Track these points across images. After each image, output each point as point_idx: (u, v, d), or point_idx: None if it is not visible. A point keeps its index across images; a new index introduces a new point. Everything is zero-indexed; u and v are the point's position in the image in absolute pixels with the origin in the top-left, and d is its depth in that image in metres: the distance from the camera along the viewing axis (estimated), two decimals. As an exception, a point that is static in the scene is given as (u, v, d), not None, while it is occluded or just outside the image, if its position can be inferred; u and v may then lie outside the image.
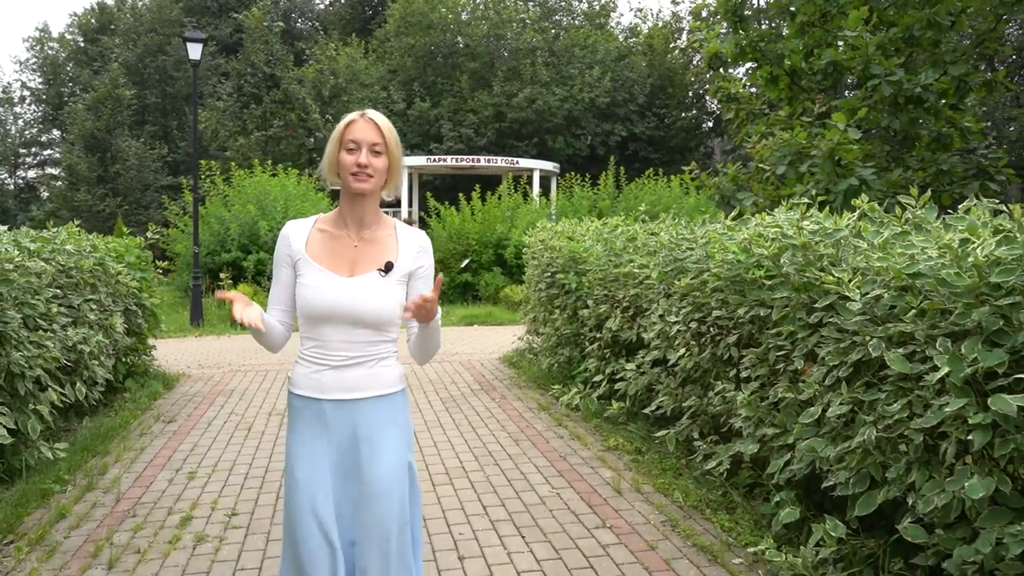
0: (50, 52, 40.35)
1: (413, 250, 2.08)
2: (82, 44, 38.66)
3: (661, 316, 4.70)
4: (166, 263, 11.59)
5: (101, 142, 23.70)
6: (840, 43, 5.80)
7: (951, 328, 2.52)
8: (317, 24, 33.30)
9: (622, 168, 18.13)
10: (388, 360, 2.06)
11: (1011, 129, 20.06)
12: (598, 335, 5.89)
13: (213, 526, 3.72)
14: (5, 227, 5.01)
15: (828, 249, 3.23)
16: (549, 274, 6.97)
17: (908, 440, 2.62)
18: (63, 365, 4.88)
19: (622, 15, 45.45)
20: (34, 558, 3.34)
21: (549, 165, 20.92)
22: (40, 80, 40.73)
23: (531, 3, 28.20)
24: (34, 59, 40.86)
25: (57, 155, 40.75)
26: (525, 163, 20.50)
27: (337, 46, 24.18)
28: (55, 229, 5.74)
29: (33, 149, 42.18)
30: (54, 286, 4.90)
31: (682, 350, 4.33)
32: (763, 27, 6.73)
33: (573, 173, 18.43)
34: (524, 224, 13.42)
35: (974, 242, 2.49)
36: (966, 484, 2.32)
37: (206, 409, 6.12)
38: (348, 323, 1.98)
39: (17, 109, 41.70)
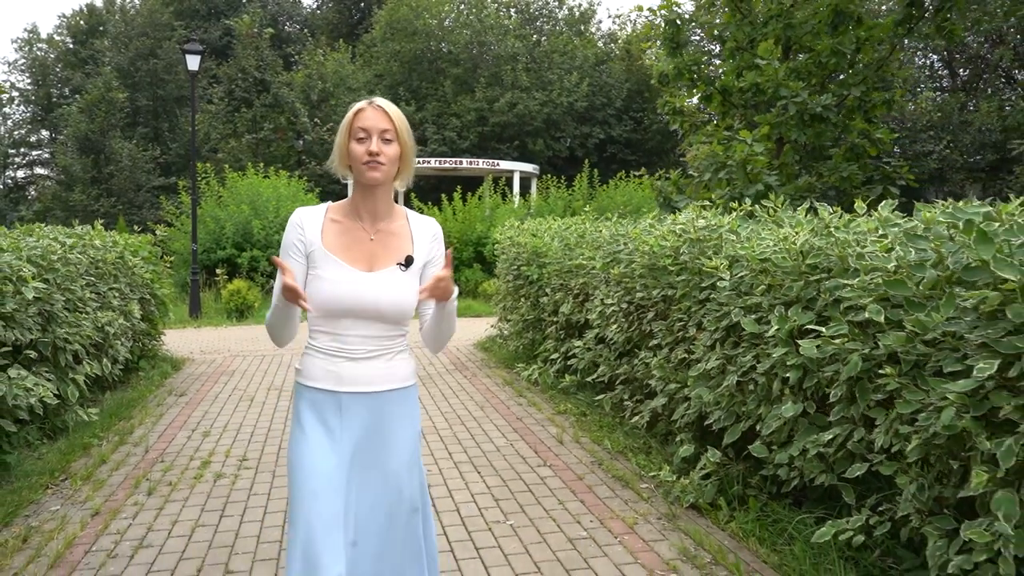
0: (39, 53, 40.80)
1: (427, 239, 2.07)
2: (71, 46, 39.20)
3: (602, 300, 5.60)
4: (172, 258, 12.40)
5: (95, 144, 24.39)
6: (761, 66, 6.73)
7: (783, 298, 3.43)
8: (305, 30, 34.04)
9: (596, 171, 19.06)
10: (404, 353, 2.06)
11: (969, 132, 21.06)
12: (555, 319, 6.79)
13: (228, 468, 4.58)
14: (44, 225, 5.83)
15: (713, 241, 4.14)
16: (516, 267, 7.86)
17: (755, 382, 3.53)
18: (95, 342, 5.72)
19: (600, 21, 46.45)
20: (87, 489, 4.19)
21: (529, 167, 21.83)
22: (29, 81, 41.17)
23: (512, 10, 29.14)
24: (23, 60, 41.28)
25: (46, 155, 41.25)
26: (506, 165, 21.41)
27: (325, 51, 25.01)
28: (81, 227, 6.58)
29: (22, 149, 42.57)
30: (87, 275, 5.74)
31: (614, 326, 5.24)
32: (703, 50, 7.63)
33: (552, 175, 19.35)
34: (503, 223, 14.30)
35: (797, 234, 3.40)
36: (782, 408, 3.22)
37: (212, 385, 6.97)
38: (368, 318, 1.96)
39: (6, 110, 42.09)
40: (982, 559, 2.32)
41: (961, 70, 26.61)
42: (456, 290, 1.99)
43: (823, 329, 3.00)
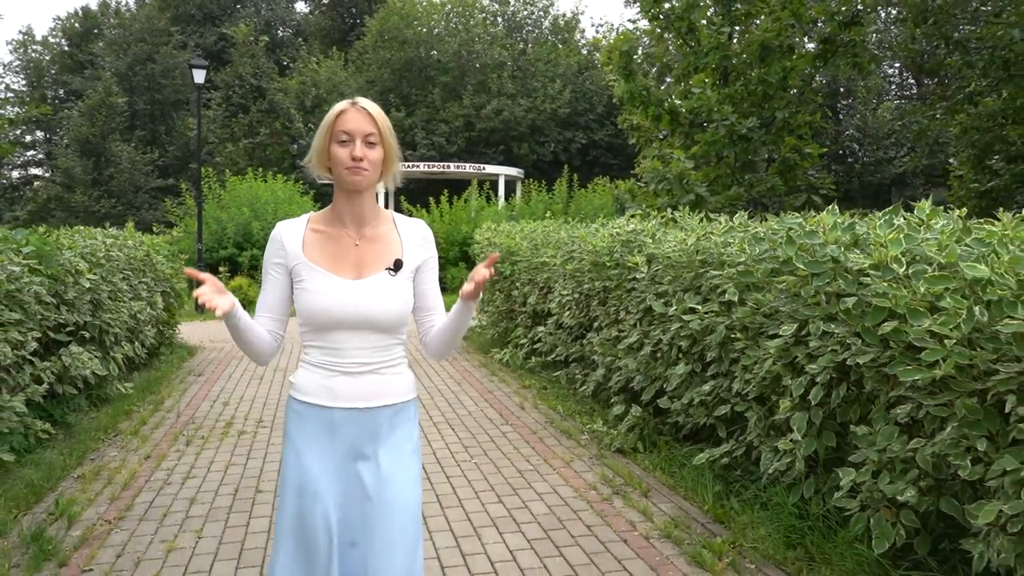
0: (34, 55, 41.51)
1: (417, 243, 2.00)
2: (66, 48, 39.97)
3: (559, 291, 6.65)
4: (184, 256, 13.37)
5: (95, 147, 25.30)
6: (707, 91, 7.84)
7: (681, 285, 4.49)
8: (300, 39, 34.97)
9: (577, 174, 20.17)
10: (400, 366, 1.98)
11: (930, 141, 22.18)
12: (524, 309, 7.83)
13: (248, 427, 5.60)
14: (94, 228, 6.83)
15: (637, 243, 5.20)
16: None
17: (662, 351, 4.59)
18: (129, 327, 6.72)
19: (584, 30, 47.69)
20: (136, 441, 5.20)
21: (514, 171, 22.91)
22: (24, 82, 41.88)
23: (500, 18, 30.25)
24: (17, 62, 41.95)
25: (41, 156, 42.02)
26: (491, 169, 22.47)
27: (319, 59, 26.05)
28: (112, 228, 7.59)
29: (17, 150, 43.15)
30: (123, 270, 6.75)
31: (568, 313, 6.29)
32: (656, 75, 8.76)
33: (536, 179, 20.43)
34: (482, 225, 15.36)
35: (690, 236, 4.46)
36: (677, 369, 4.28)
37: (225, 367, 7.98)
38: (360, 328, 1.88)
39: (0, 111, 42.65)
40: (788, 460, 3.38)
41: (928, 79, 27.87)
42: (479, 296, 1.95)
43: (700, 307, 4.07)
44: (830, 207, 3.34)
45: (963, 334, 2.47)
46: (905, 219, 3.09)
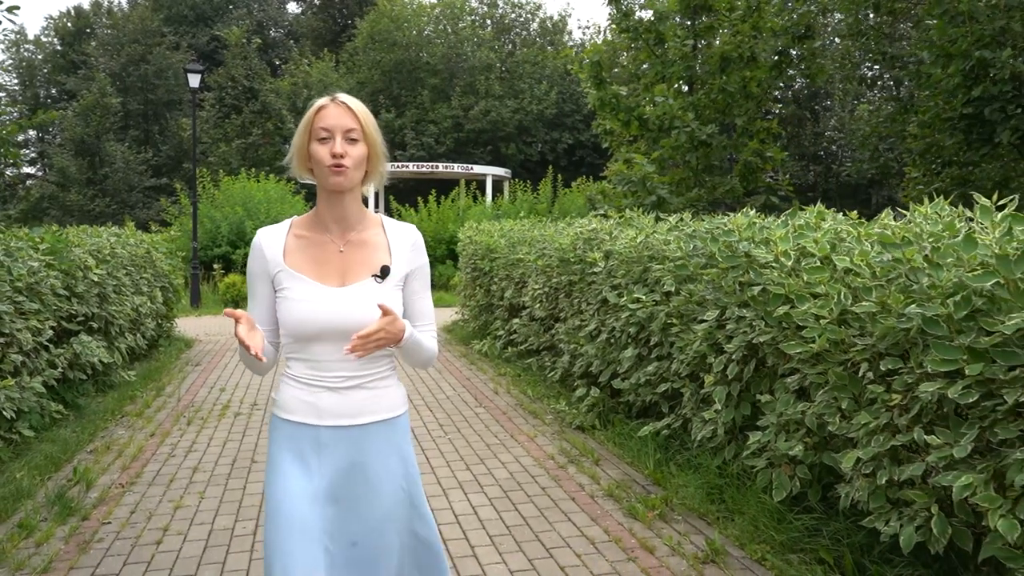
0: (26, 54, 41.76)
1: (407, 249, 1.89)
2: (59, 48, 40.25)
3: (532, 286, 7.18)
4: (182, 254, 13.84)
5: (90, 147, 25.70)
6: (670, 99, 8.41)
7: (632, 278, 5.03)
8: (292, 40, 35.39)
9: (563, 175, 20.72)
10: (390, 379, 1.89)
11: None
12: (501, 303, 8.37)
13: (243, 409, 6.12)
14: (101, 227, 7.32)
15: (597, 241, 5.74)
16: (473, 261, 9.43)
17: (616, 337, 5.13)
18: (132, 319, 7.22)
19: (571, 32, 48.41)
20: (141, 422, 5.71)
21: (501, 171, 23.45)
22: (16, 82, 42.12)
23: (488, 20, 30.79)
24: (9, 61, 42.16)
25: (33, 154, 42.30)
26: (479, 169, 23.00)
27: (311, 61, 26.55)
28: (114, 227, 8.08)
29: (11, 149, 43.33)
30: (127, 266, 7.25)
31: (538, 305, 6.83)
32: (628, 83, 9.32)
33: (523, 179, 20.97)
34: (469, 224, 15.88)
35: (639, 234, 5.00)
36: (626, 352, 4.82)
37: (221, 358, 8.48)
38: (344, 339, 1.74)
39: (-7, 110, 42.84)
40: (712, 428, 3.92)
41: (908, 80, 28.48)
42: (408, 326, 1.79)
43: (645, 297, 4.61)
44: (743, 209, 3.88)
45: (834, 315, 3.01)
46: (804, 221, 3.64)
